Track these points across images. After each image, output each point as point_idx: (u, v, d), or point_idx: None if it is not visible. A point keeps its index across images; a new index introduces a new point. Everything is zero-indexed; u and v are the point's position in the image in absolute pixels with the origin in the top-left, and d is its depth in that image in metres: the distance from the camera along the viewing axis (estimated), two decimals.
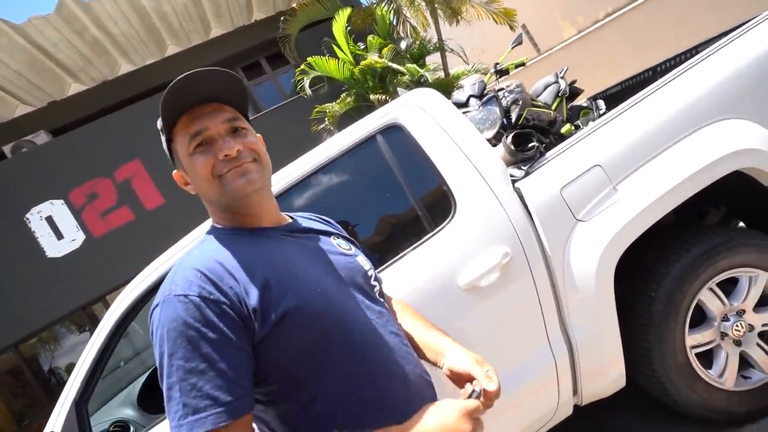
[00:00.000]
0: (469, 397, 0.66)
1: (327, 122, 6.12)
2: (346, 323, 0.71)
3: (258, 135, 0.79)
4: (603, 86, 3.13)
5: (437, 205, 1.48)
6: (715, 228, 1.60)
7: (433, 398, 0.77)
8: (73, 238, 6.34)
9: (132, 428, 1.67)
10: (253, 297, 0.64)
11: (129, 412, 1.76)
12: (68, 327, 6.67)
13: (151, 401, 1.83)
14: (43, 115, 7.13)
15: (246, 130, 0.75)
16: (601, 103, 2.75)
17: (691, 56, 2.17)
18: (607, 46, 6.78)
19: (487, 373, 0.70)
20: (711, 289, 1.50)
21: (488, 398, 0.67)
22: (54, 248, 6.28)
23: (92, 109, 7.31)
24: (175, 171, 0.79)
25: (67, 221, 6.33)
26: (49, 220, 6.29)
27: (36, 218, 6.26)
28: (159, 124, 0.76)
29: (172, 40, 7.34)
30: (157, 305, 0.65)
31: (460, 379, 0.74)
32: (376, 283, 0.85)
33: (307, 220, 0.89)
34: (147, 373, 2.04)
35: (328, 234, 0.87)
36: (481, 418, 0.64)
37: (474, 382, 0.69)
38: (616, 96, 2.82)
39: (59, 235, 6.30)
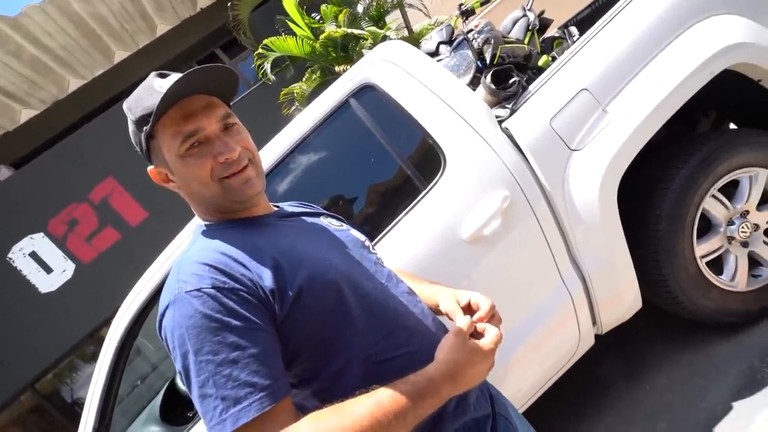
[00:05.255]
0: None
1: (297, 104, 5.90)
2: (360, 289, 0.70)
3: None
4: (571, 13, 2.99)
5: (426, 162, 1.41)
6: (708, 134, 1.56)
7: None
8: (63, 269, 6.17)
9: None
10: (267, 279, 0.63)
11: (155, 429, 1.73)
12: (80, 356, 6.64)
13: (173, 413, 1.80)
14: None
15: (238, 125, 0.73)
16: (573, 29, 2.62)
17: None
18: None
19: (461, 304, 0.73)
20: (713, 196, 1.47)
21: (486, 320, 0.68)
22: (46, 283, 6.12)
23: (51, 133, 6.96)
24: (151, 167, 0.74)
25: (52, 253, 6.14)
26: (34, 255, 6.10)
27: (19, 256, 6.06)
28: (132, 115, 0.70)
29: (118, 45, 6.92)
30: (167, 307, 0.62)
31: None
32: (375, 251, 0.86)
33: (292, 207, 0.88)
34: (165, 387, 2.01)
35: (316, 215, 0.87)
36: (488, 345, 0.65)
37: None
38: (588, 19, 2.71)
39: (48, 269, 6.13)
